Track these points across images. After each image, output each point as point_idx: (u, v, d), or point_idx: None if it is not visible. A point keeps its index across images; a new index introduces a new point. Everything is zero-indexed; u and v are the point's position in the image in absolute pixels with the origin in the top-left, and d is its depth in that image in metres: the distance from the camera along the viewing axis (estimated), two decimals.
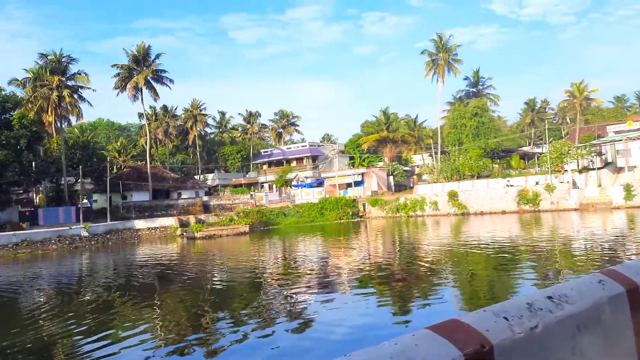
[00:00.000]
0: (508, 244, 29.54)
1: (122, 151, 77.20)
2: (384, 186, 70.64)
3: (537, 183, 52.69)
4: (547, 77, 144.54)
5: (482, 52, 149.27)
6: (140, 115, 75.17)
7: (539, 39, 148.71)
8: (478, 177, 59.76)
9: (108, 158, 59.91)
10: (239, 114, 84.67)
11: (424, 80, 69.88)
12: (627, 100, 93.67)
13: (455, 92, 74.61)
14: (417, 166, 78.11)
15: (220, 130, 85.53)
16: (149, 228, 53.11)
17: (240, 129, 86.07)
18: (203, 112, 74.50)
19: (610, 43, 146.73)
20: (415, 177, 73.05)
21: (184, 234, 50.26)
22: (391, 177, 72.19)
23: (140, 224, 53.11)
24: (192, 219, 53.93)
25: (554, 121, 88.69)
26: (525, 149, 77.49)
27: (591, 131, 59.79)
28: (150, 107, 77.52)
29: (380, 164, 76.45)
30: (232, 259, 33.98)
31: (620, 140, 50.40)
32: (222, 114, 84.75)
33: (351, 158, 76.67)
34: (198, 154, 77.25)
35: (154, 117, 78.09)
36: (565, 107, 69.07)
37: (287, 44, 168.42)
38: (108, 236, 50.29)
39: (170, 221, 54.19)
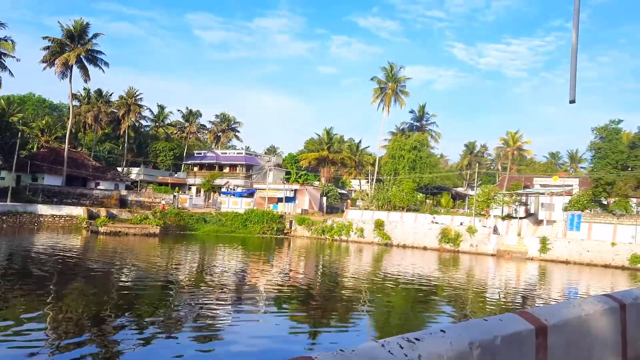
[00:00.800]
0: (426, 280, 28.88)
1: (45, 130, 72.01)
2: (316, 206, 69.26)
3: (461, 224, 52.79)
4: (496, 125, 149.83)
5: (439, 91, 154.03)
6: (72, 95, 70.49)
7: (493, 88, 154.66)
8: (408, 210, 59.47)
9: (21, 134, 55.23)
10: (178, 110, 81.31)
11: (375, 108, 69.29)
12: (560, 158, 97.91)
13: (400, 124, 75.02)
14: (354, 191, 77.45)
15: (157, 124, 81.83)
16: (54, 215, 49.04)
17: (178, 126, 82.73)
18: (139, 102, 70.83)
19: (555, 102, 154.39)
20: (349, 201, 72.17)
21: (90, 226, 46.61)
22: (324, 198, 70.98)
23: (44, 209, 48.97)
24: (103, 212, 50.29)
25: (491, 167, 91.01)
26: (460, 189, 78.56)
27: (519, 181, 61.07)
28: (84, 89, 73.18)
29: (317, 183, 75.21)
30: (129, 260, 31.28)
31: (543, 193, 51.42)
32: (161, 107, 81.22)
33: (288, 173, 75.03)
34: (126, 145, 73.22)
35: (86, 99, 73.65)
36: (500, 154, 70.59)
37: (252, 50, 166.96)
38: (4, 218, 45.90)
39: (78, 211, 50.33)
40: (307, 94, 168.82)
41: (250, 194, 67.67)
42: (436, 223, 52.84)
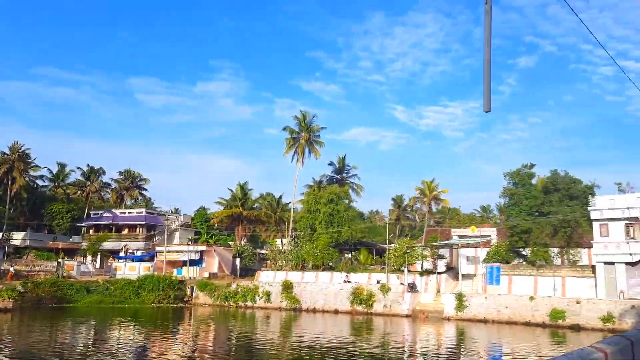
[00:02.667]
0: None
1: None
2: (227, 269, 62.90)
3: (378, 282, 47.93)
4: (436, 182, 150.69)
5: (385, 151, 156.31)
6: None
7: (433, 147, 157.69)
8: (324, 269, 54.22)
9: None
10: (78, 167, 74.12)
11: (289, 160, 64.96)
12: (491, 211, 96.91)
13: (320, 176, 71.01)
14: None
15: (56, 184, 74.17)
16: None
17: (80, 186, 75.29)
18: (27, 159, 63.48)
19: (492, 161, 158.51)
20: (269, 262, 65.99)
21: None
22: (238, 260, 64.80)
23: None
24: None
25: (418, 221, 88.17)
26: (385, 245, 74.30)
27: (436, 232, 57.54)
28: None
29: (233, 243, 69.05)
30: None
31: (457, 244, 47.79)
32: (61, 165, 73.85)
33: (198, 233, 68.61)
34: (17, 206, 65.13)
35: None
36: (417, 206, 67.18)
37: (196, 114, 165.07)
38: None
39: None
40: (253, 155, 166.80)
41: (151, 257, 60.65)
42: (349, 282, 47.74)
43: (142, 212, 65.05)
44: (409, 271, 50.09)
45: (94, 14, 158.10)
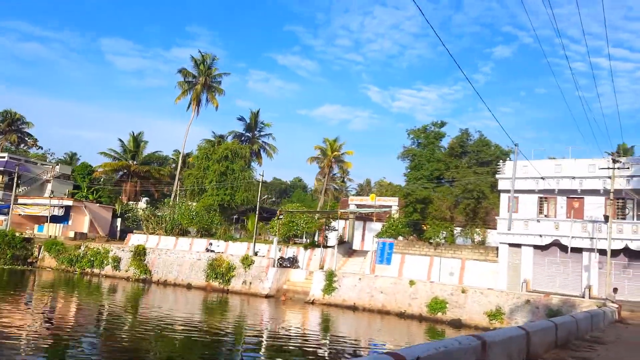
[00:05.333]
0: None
1: None
2: (104, 230, 53.47)
3: (256, 253, 39.49)
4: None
5: (356, 130, 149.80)
6: None
7: (404, 130, 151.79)
8: (201, 236, 45.48)
9: None
10: None
11: (185, 108, 55.37)
12: None
13: (227, 133, 61.56)
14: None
15: None
16: None
17: None
18: None
19: None
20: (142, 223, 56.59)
21: None
22: (119, 220, 55.49)
23: None
24: None
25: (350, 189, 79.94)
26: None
27: (338, 201, 49.22)
28: None
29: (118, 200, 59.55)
30: None
31: (354, 212, 39.54)
32: None
33: (78, 187, 58.74)
34: None
35: None
36: (319, 166, 58.21)
37: (168, 79, 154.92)
38: None
39: None
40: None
41: (7, 209, 50.74)
42: (212, 252, 39.09)
43: (4, 157, 54.71)
44: (294, 243, 41.83)
45: None
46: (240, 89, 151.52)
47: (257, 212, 40.30)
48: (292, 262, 39.08)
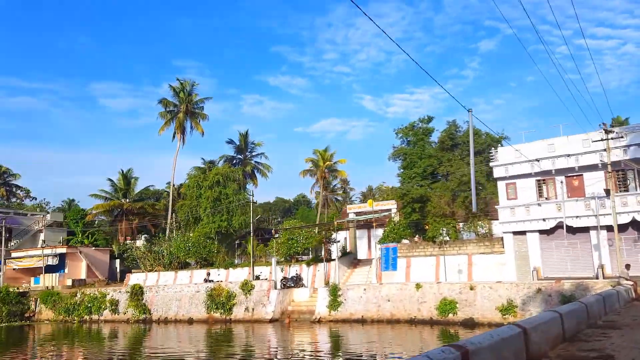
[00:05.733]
0: None
1: None
2: (102, 273, 52.24)
3: (257, 277, 38.29)
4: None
5: (355, 141, 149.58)
6: None
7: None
8: (200, 267, 44.27)
9: None
10: None
11: (170, 140, 54.35)
12: None
13: (218, 158, 60.65)
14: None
15: None
16: None
17: None
18: None
19: None
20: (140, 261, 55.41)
21: None
22: (118, 261, 54.27)
23: None
24: None
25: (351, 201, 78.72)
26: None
27: (336, 211, 48.03)
28: None
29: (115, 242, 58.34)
30: None
31: (357, 219, 38.40)
32: None
33: (72, 234, 57.73)
34: None
35: None
36: (313, 179, 57.02)
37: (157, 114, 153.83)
38: None
39: None
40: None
41: None
42: (210, 281, 37.88)
43: None
44: (296, 261, 40.58)
45: (49, 20, 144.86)
46: (235, 115, 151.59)
47: (252, 234, 39.11)
48: (297, 281, 37.81)
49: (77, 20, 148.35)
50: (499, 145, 33.80)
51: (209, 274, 39.70)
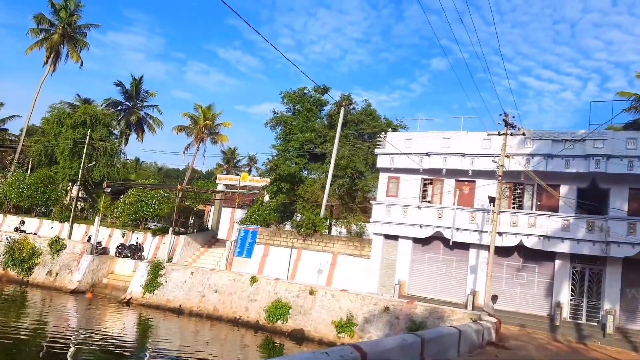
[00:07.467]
0: None
1: None
2: None
3: (89, 238, 31.14)
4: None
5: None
6: None
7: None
8: (36, 214, 36.45)
9: None
10: None
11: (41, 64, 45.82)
12: None
13: (102, 101, 52.18)
14: None
15: None
16: None
17: None
18: None
19: None
20: None
21: None
22: None
23: None
24: None
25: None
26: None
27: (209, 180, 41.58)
28: None
29: None
30: None
31: (219, 192, 32.11)
32: None
33: None
34: None
35: None
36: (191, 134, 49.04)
37: (101, 64, 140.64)
38: None
39: None
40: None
41: None
42: (23, 231, 30.41)
43: None
44: (144, 228, 33.78)
45: None
46: (178, 80, 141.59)
47: (79, 183, 31.94)
48: (134, 251, 31.18)
49: None
50: (400, 130, 28.66)
51: (23, 223, 32.29)
